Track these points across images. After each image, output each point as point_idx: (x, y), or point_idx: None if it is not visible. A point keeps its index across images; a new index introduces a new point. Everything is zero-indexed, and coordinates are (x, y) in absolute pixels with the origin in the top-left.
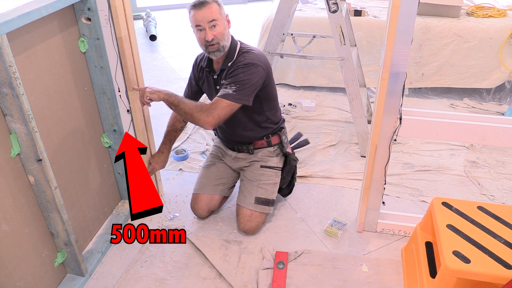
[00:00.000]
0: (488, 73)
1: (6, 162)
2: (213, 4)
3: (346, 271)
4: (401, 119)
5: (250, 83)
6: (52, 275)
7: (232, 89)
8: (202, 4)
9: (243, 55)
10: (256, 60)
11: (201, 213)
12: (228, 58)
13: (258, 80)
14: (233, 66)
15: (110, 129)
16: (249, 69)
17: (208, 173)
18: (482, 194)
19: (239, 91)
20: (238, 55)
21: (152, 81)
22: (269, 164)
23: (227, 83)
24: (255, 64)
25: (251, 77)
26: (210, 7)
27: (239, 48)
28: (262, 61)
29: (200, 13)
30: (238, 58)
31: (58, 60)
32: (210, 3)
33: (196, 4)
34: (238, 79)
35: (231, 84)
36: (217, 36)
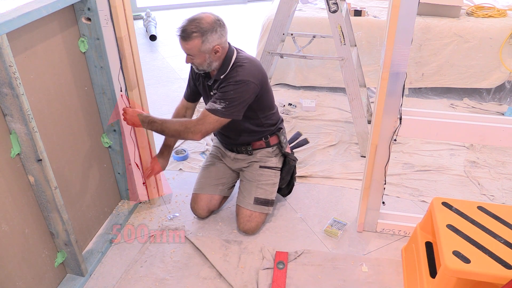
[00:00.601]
0: (488, 73)
1: (6, 162)
2: (194, 40)
3: (346, 271)
4: (401, 119)
5: (240, 100)
6: (52, 275)
7: (221, 105)
8: (182, 37)
9: (236, 69)
10: (249, 76)
11: (201, 213)
12: (222, 70)
13: (249, 96)
14: (225, 81)
15: (110, 129)
16: (240, 86)
17: (208, 173)
18: (482, 194)
19: (228, 108)
20: (232, 68)
21: (152, 81)
22: (268, 164)
23: (217, 98)
24: (246, 81)
25: (242, 95)
26: (188, 43)
27: (234, 59)
28: (255, 76)
29: (180, 42)
30: (231, 73)
31: (58, 60)
32: (191, 39)
33: (180, 34)
34: (228, 96)
35: (220, 100)
36: (195, 64)
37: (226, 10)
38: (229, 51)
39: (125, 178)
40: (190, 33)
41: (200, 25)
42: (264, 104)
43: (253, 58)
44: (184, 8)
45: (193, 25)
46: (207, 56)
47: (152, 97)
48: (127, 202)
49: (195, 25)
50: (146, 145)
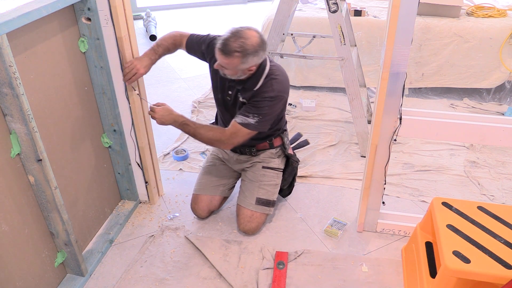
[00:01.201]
0: (488, 73)
1: (6, 162)
2: (234, 59)
3: (346, 271)
4: (401, 119)
5: (273, 115)
6: (52, 275)
7: (254, 119)
8: (223, 51)
9: (271, 82)
10: (283, 91)
11: (201, 213)
12: (253, 80)
13: (279, 111)
14: (259, 95)
15: (110, 129)
16: (275, 102)
17: (209, 173)
18: (482, 194)
19: (261, 122)
20: (266, 80)
21: (152, 81)
22: (270, 165)
23: (250, 112)
24: (281, 96)
25: (275, 109)
26: (227, 59)
27: (268, 72)
28: (287, 89)
29: (219, 56)
30: (265, 86)
31: (58, 60)
32: (231, 56)
33: (221, 47)
34: (262, 111)
35: (254, 114)
36: (224, 73)
37: (226, 10)
38: (262, 65)
39: (125, 178)
40: (232, 51)
41: (245, 46)
42: (281, 112)
43: (281, 67)
44: (184, 8)
45: (237, 43)
46: (240, 73)
47: (152, 97)
48: (127, 202)
49: (240, 44)
50: (146, 145)
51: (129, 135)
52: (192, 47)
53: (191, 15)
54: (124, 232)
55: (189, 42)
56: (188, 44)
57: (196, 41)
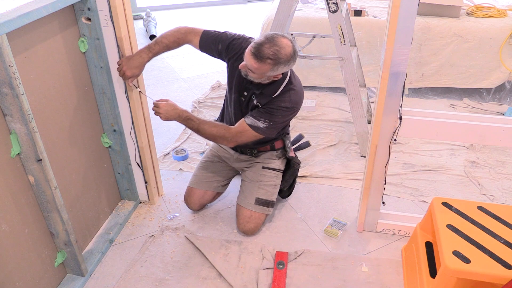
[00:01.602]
0: (488, 73)
1: (6, 162)
2: (266, 65)
3: (346, 271)
4: (401, 119)
5: (282, 123)
6: (52, 275)
7: (265, 124)
8: (255, 56)
9: (290, 93)
10: (298, 102)
11: (193, 206)
12: (273, 86)
13: (289, 120)
14: (275, 102)
15: (110, 129)
16: (289, 112)
17: (205, 168)
18: (482, 194)
19: (270, 128)
20: (284, 89)
21: (152, 81)
22: (271, 165)
23: (262, 116)
24: (295, 108)
25: (287, 119)
26: (258, 64)
27: (287, 81)
28: (301, 100)
29: (249, 59)
30: (283, 95)
31: (58, 60)
32: (263, 62)
33: (255, 51)
34: (274, 118)
35: (266, 120)
36: (248, 75)
37: (226, 10)
38: (283, 75)
39: (125, 178)
40: (265, 57)
41: (279, 54)
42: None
43: (298, 78)
44: (184, 8)
45: (272, 50)
46: (266, 78)
47: (152, 97)
48: (127, 202)
49: (274, 52)
50: (146, 145)
51: (129, 135)
52: (207, 45)
53: (191, 15)
54: (124, 232)
55: (204, 39)
56: (202, 42)
57: (213, 39)
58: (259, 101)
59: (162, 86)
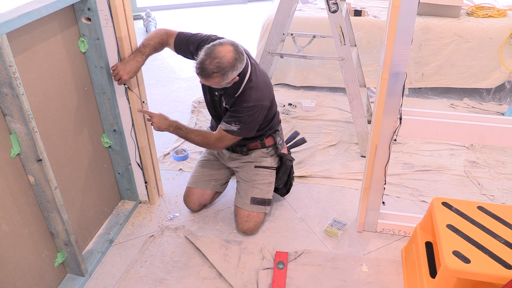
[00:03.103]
0: (488, 73)
1: (6, 162)
2: (215, 79)
3: (346, 271)
4: (401, 119)
5: (254, 122)
6: (52, 275)
7: (236, 126)
8: (203, 75)
9: (249, 91)
10: (261, 99)
11: (192, 206)
12: (235, 86)
13: (262, 116)
14: (238, 103)
15: (110, 129)
16: (254, 111)
17: (202, 168)
18: (482, 194)
19: (243, 128)
20: (245, 88)
21: (152, 81)
22: (263, 164)
23: (232, 120)
24: (259, 105)
25: (254, 117)
26: (209, 81)
27: (248, 77)
28: (266, 97)
29: (199, 77)
30: (244, 95)
31: (58, 60)
32: (211, 77)
33: (199, 71)
34: (242, 119)
35: (235, 122)
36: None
37: (226, 10)
38: (244, 66)
39: (125, 178)
40: (210, 73)
41: (221, 65)
42: (267, 116)
43: (264, 72)
44: (184, 8)
45: (213, 64)
46: (224, 84)
47: (152, 97)
48: (127, 202)
49: (216, 65)
50: (146, 145)
51: (129, 135)
52: (181, 47)
53: (191, 15)
54: (124, 232)
55: (177, 41)
56: (176, 44)
57: (185, 40)
58: (227, 102)
59: (162, 86)
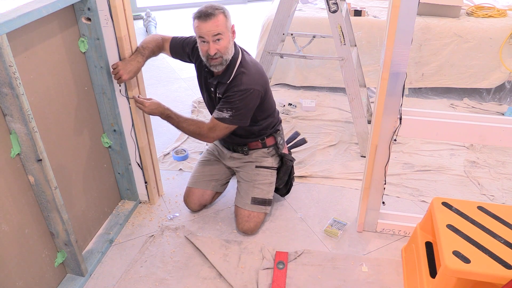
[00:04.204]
0: (488, 73)
1: (6, 162)
2: (220, 15)
3: (346, 271)
4: (401, 119)
5: (246, 108)
6: (52, 275)
7: (228, 113)
8: (207, 15)
9: (241, 77)
10: (253, 83)
11: (192, 206)
12: (227, 73)
13: (255, 103)
14: (230, 89)
15: (110, 129)
16: (245, 95)
17: (202, 168)
18: (482, 194)
19: (235, 116)
20: (236, 73)
21: (152, 81)
22: (264, 164)
23: (224, 106)
24: (251, 89)
25: (247, 103)
26: (216, 20)
27: (239, 62)
28: (258, 83)
29: (205, 25)
30: (235, 80)
31: (58, 60)
32: (216, 15)
33: (201, 15)
34: (234, 105)
35: (227, 109)
36: (221, 50)
37: None
38: (235, 52)
39: (125, 178)
40: (214, 9)
41: (219, 5)
42: (264, 107)
43: (256, 61)
44: (184, 8)
45: (216, 8)
46: (230, 37)
47: (152, 97)
48: (127, 202)
49: (215, 5)
50: (146, 145)
51: (129, 135)
52: (176, 50)
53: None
54: (124, 232)
55: (173, 45)
56: (171, 48)
57: (180, 43)
58: (220, 92)
59: (162, 86)
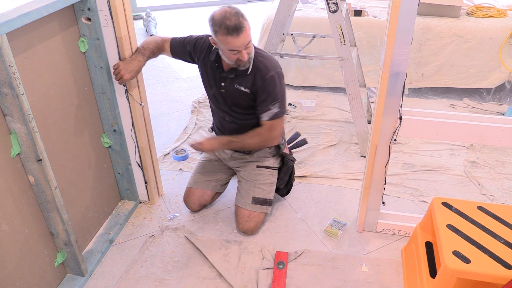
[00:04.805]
0: (488, 73)
1: (6, 162)
2: (246, 24)
3: (346, 271)
4: (401, 119)
5: (284, 92)
6: (52, 275)
7: (276, 106)
8: (239, 30)
9: (263, 61)
10: (276, 66)
11: (192, 206)
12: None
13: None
14: (259, 78)
15: (110, 129)
16: (279, 79)
17: (203, 168)
18: (482, 194)
19: (282, 104)
20: (256, 62)
21: (152, 81)
22: (265, 164)
23: (267, 103)
24: (278, 72)
25: (282, 86)
26: (246, 31)
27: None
28: (277, 64)
29: (238, 40)
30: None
31: (58, 60)
32: (245, 26)
33: (233, 31)
34: (277, 95)
35: (273, 103)
36: (250, 52)
37: None
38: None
39: (125, 178)
40: (239, 19)
41: (236, 8)
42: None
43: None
44: (184, 8)
45: (240, 16)
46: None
47: (152, 97)
48: (127, 202)
49: (242, 16)
50: (146, 145)
51: (129, 135)
52: (177, 50)
53: (191, 15)
54: (124, 232)
55: (173, 45)
56: (172, 48)
57: (181, 43)
58: (245, 85)
59: (162, 86)
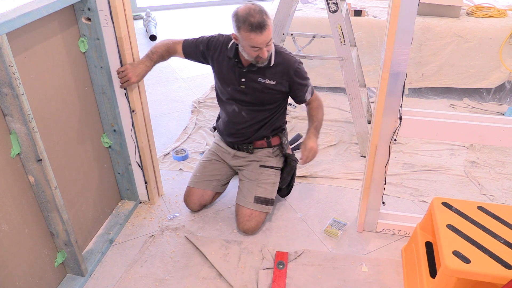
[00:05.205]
0: (488, 73)
1: (6, 162)
2: (269, 23)
3: (346, 271)
4: (401, 119)
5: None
6: (52, 275)
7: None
8: (262, 27)
9: (284, 52)
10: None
11: (192, 206)
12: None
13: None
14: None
15: (110, 129)
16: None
17: (204, 168)
18: (482, 194)
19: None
20: (276, 54)
21: (152, 81)
22: (268, 164)
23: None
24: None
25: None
26: (268, 29)
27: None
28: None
29: (260, 37)
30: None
31: (58, 60)
32: (268, 24)
33: (256, 28)
34: (307, 80)
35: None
36: (270, 50)
37: (226, 10)
38: None
39: (125, 178)
40: (263, 17)
41: (260, 6)
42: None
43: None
44: (184, 8)
45: (264, 14)
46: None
47: (152, 97)
48: (127, 202)
49: (266, 14)
50: (146, 145)
51: (129, 135)
52: (190, 51)
53: (191, 15)
54: (124, 232)
55: (185, 47)
56: (184, 49)
57: (193, 44)
58: (271, 78)
59: (162, 86)
